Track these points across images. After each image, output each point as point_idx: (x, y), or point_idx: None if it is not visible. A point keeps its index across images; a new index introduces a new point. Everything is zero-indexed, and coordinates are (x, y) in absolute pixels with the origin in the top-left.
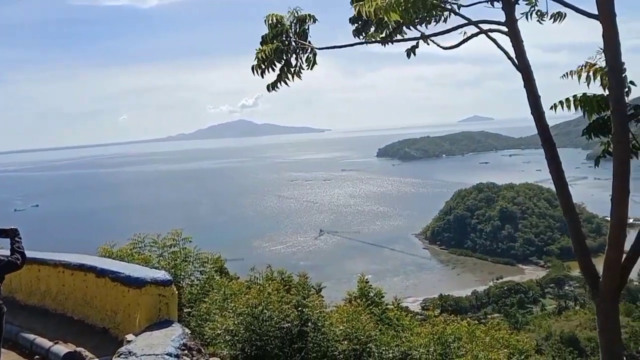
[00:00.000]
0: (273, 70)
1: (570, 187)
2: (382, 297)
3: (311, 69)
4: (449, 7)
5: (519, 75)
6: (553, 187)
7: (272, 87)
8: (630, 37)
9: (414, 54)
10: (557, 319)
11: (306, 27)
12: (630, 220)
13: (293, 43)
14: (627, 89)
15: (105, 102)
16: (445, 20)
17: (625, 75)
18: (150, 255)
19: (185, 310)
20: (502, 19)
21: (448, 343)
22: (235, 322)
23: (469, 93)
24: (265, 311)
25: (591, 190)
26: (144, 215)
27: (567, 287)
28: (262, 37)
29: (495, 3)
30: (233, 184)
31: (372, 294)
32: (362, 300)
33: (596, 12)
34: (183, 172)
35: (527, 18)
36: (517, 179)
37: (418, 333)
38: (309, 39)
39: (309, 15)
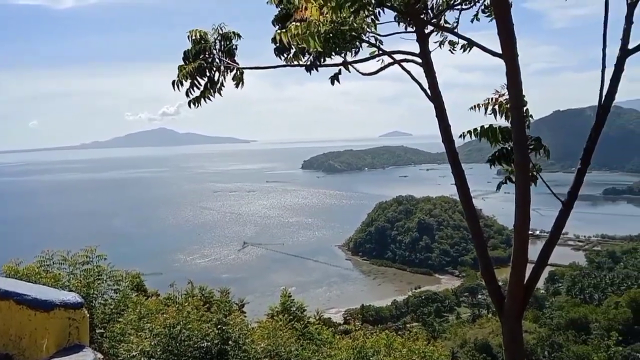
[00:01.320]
0: (197, 88)
1: (482, 200)
2: (304, 310)
3: (237, 87)
4: (367, 38)
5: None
6: None
7: (194, 103)
8: (539, 61)
9: (338, 81)
10: (471, 326)
11: (232, 45)
12: (537, 232)
13: (217, 60)
14: (527, 122)
15: (12, 106)
16: (362, 49)
17: (527, 109)
18: (60, 274)
19: (98, 331)
20: (418, 50)
21: (368, 357)
22: (152, 343)
23: (390, 109)
24: (184, 331)
25: (502, 204)
26: (54, 228)
27: (480, 296)
28: (185, 52)
29: (410, 35)
30: (152, 195)
31: (294, 308)
32: (284, 315)
33: (500, 51)
34: (97, 182)
35: (440, 46)
36: (434, 192)
37: (339, 347)
38: (236, 56)
39: (234, 32)
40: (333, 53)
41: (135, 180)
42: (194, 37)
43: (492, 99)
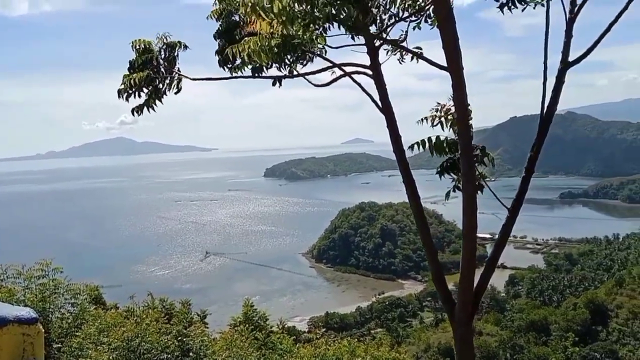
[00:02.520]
0: (139, 96)
1: (443, 206)
2: (267, 320)
3: (176, 93)
4: (317, 51)
5: (395, 101)
6: (429, 206)
7: (137, 111)
8: (498, 68)
9: (280, 84)
10: (434, 330)
11: (175, 54)
12: (497, 236)
13: (162, 70)
14: (472, 132)
15: None
16: (312, 62)
17: (471, 118)
18: (14, 288)
19: (55, 346)
20: (369, 62)
21: None
22: (110, 357)
23: (352, 116)
24: (143, 343)
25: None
26: (8, 242)
27: None
28: (130, 62)
29: (361, 46)
30: (110, 206)
31: (256, 318)
32: (246, 325)
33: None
34: (53, 193)
35: (392, 54)
36: (396, 198)
37: (301, 356)
38: (177, 65)
39: (179, 42)
40: (283, 65)
41: (92, 191)
42: (137, 47)
43: (437, 109)
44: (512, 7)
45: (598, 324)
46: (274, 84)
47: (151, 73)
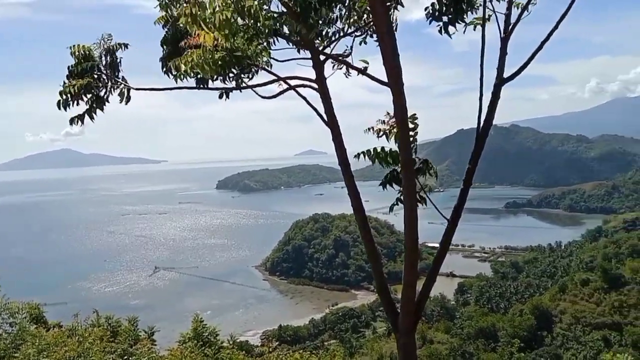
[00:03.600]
0: (78, 105)
1: (395, 216)
2: (217, 335)
3: (124, 103)
4: (262, 64)
5: (347, 112)
6: (380, 217)
7: (76, 121)
8: (446, 83)
9: (227, 97)
10: (387, 340)
11: (117, 59)
12: (438, 245)
13: (104, 77)
14: (415, 145)
15: None
16: (257, 74)
17: (415, 132)
18: None
19: None
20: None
21: None
22: None
23: (304, 128)
24: None
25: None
26: None
27: None
28: (69, 68)
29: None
30: (54, 220)
31: (206, 334)
32: (195, 341)
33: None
34: None
35: (333, 68)
36: (349, 209)
37: None
38: (121, 71)
39: (120, 43)
40: (228, 78)
41: (35, 205)
42: (77, 53)
43: (382, 121)
44: (453, 27)
45: (543, 330)
46: (220, 97)
47: (91, 81)
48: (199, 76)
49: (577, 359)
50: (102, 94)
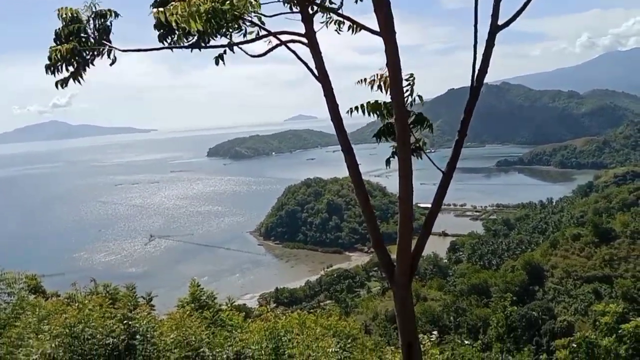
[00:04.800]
0: (67, 70)
1: (386, 178)
2: (215, 298)
3: (111, 65)
4: (250, 18)
5: (337, 74)
6: (372, 179)
7: (62, 84)
8: (436, 41)
9: (223, 62)
10: (381, 299)
11: (108, 23)
12: (430, 205)
13: (92, 40)
14: (412, 98)
15: None
16: (248, 30)
17: (412, 86)
18: None
19: None
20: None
21: (280, 337)
22: (53, 345)
23: (294, 92)
24: (87, 329)
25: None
26: None
27: None
28: (56, 32)
29: (297, 15)
30: (47, 193)
31: (204, 298)
32: (194, 305)
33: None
34: None
35: (326, 26)
36: (341, 173)
37: (250, 330)
38: (111, 35)
39: (110, 10)
40: (217, 34)
41: (27, 178)
42: (64, 16)
43: (378, 75)
44: None
45: (535, 284)
46: (217, 63)
47: (77, 45)
48: (186, 32)
49: (568, 312)
50: (88, 57)
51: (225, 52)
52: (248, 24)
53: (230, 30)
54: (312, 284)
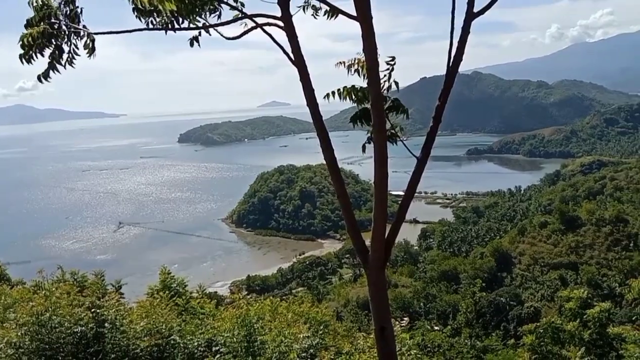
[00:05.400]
0: (42, 55)
1: (359, 166)
2: (186, 286)
3: (90, 56)
4: (226, 0)
5: (311, 62)
6: (345, 167)
7: (43, 77)
8: (408, 30)
9: (198, 43)
10: (353, 286)
11: (77, 8)
12: (401, 192)
13: (63, 26)
14: (389, 83)
15: None
16: (223, 11)
17: (390, 71)
18: None
19: None
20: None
21: (252, 324)
22: (19, 334)
23: (267, 79)
24: (54, 317)
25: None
26: None
27: None
28: (27, 20)
29: None
30: (11, 179)
31: (174, 285)
32: (164, 292)
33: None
34: None
35: (303, 11)
36: (314, 160)
37: (223, 318)
38: (82, 22)
39: None
40: (192, 15)
41: None
42: (34, 4)
43: (355, 59)
44: None
45: (503, 271)
46: (191, 45)
47: (48, 28)
48: (159, 11)
49: (535, 298)
50: (65, 46)
51: (200, 34)
52: (224, 5)
53: (205, 11)
54: (284, 272)
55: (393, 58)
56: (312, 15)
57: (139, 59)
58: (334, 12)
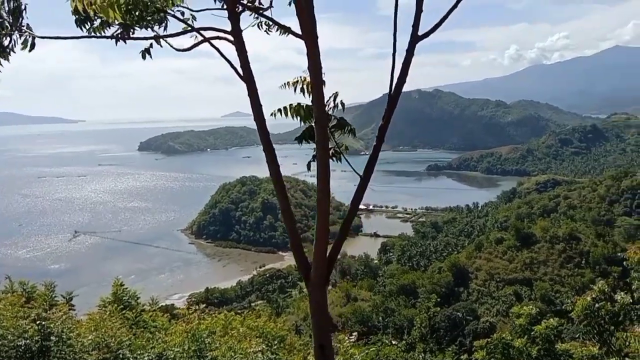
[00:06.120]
0: None
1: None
2: (138, 298)
3: (29, 51)
4: (173, 13)
5: (275, 74)
6: (308, 180)
7: None
8: (373, 46)
9: (150, 55)
10: None
11: (22, 6)
12: (371, 206)
13: (7, 24)
14: (335, 103)
15: None
16: (167, 25)
17: (335, 96)
18: None
19: None
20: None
21: (203, 339)
22: None
23: (231, 89)
24: None
25: (338, 182)
26: None
27: None
28: None
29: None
30: None
31: (126, 297)
32: (115, 305)
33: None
34: None
35: (259, 27)
36: None
37: (173, 332)
38: (25, 20)
39: None
40: (139, 26)
41: None
42: None
43: (302, 78)
44: None
45: (460, 286)
46: (143, 57)
47: None
48: (107, 22)
49: (491, 313)
50: (6, 43)
51: (151, 45)
52: (171, 18)
53: (152, 23)
54: (244, 284)
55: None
56: (265, 31)
57: (99, 64)
58: (284, 30)
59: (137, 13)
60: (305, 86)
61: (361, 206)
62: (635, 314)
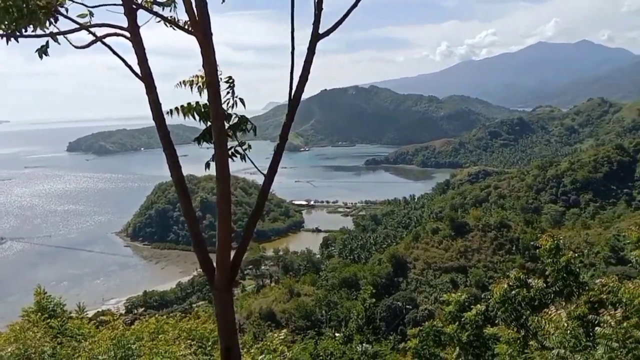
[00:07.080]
0: None
1: (263, 176)
2: (64, 306)
3: None
4: (60, 10)
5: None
6: (248, 177)
7: None
8: (305, 43)
9: (47, 54)
10: (256, 297)
11: None
12: (312, 202)
13: None
14: (233, 100)
15: None
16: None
17: (232, 88)
18: None
19: None
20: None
21: (129, 345)
22: None
23: (164, 86)
24: None
25: (279, 178)
26: None
27: (263, 267)
28: None
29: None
30: None
31: (51, 306)
32: (39, 314)
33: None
34: None
35: (165, 24)
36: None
37: (98, 340)
38: None
39: None
40: (22, 25)
41: None
42: None
43: (197, 76)
44: None
45: (399, 276)
46: (40, 57)
47: None
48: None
49: (429, 301)
50: None
51: (47, 44)
52: (59, 15)
53: (37, 22)
54: (184, 286)
55: (230, 77)
56: (166, 25)
57: (24, 62)
58: (169, 22)
59: (16, 11)
60: (201, 84)
61: (303, 202)
62: (549, 297)
